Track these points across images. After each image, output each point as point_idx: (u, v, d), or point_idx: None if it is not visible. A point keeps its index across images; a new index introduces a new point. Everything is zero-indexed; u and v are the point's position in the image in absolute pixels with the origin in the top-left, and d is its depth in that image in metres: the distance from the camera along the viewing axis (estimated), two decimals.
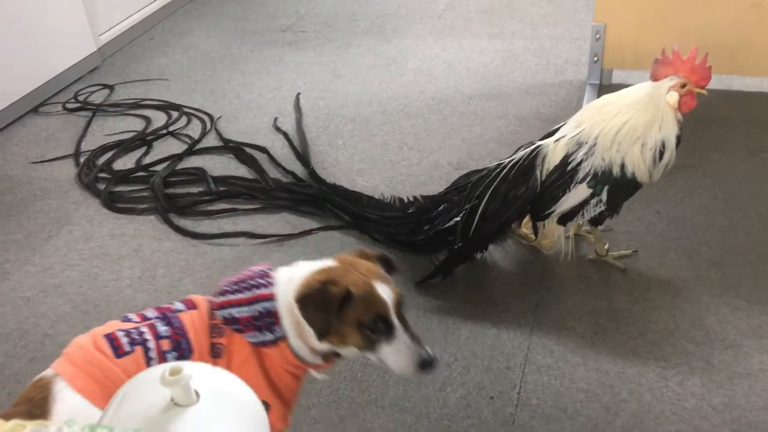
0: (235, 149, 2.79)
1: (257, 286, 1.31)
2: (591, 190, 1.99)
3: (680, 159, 2.62)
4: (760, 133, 2.77)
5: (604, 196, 1.99)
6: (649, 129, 1.94)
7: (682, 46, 1.94)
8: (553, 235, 2.11)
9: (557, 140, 2.02)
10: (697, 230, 2.30)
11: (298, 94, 3.20)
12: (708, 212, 2.38)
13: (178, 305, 1.35)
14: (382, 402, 1.79)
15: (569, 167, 1.99)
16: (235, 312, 1.30)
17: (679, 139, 1.94)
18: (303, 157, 2.72)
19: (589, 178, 1.98)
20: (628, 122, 1.95)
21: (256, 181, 2.60)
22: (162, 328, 1.29)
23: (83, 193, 2.63)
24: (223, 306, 1.31)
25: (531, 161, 2.02)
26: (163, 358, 1.28)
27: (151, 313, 1.34)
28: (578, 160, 1.98)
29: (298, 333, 1.31)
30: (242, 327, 1.29)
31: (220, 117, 3.06)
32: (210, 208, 2.49)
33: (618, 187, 1.98)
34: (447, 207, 2.12)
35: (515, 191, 2.02)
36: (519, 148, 2.09)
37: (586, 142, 1.98)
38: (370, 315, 1.27)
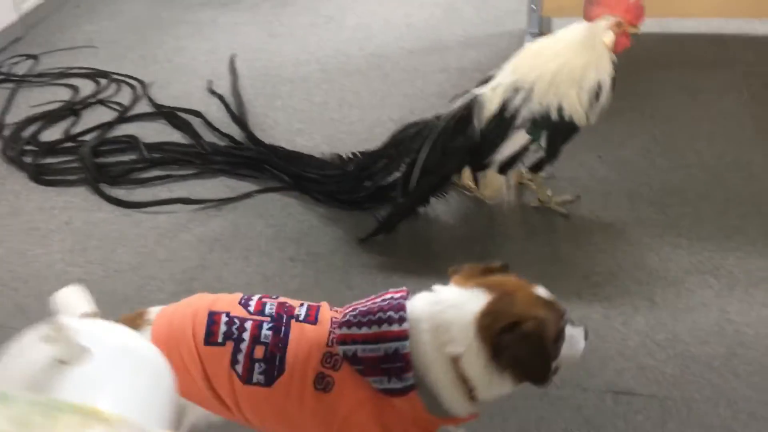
0: (169, 114, 2.69)
1: (387, 321, 1.12)
2: (530, 136, 1.97)
3: (620, 102, 2.62)
4: (698, 75, 2.78)
5: (543, 142, 1.97)
6: (586, 71, 1.91)
7: None
8: (495, 184, 2.09)
9: (494, 88, 1.98)
10: (638, 172, 2.31)
11: (233, 55, 3.10)
12: (648, 154, 2.38)
13: (302, 310, 1.20)
14: None
15: (507, 114, 1.96)
16: (359, 350, 1.11)
17: (613, 80, 1.92)
18: (240, 119, 2.63)
19: (527, 124, 1.95)
20: (564, 65, 1.93)
21: (192, 146, 2.51)
22: (266, 332, 1.16)
23: (9, 167, 2.50)
24: (345, 340, 1.13)
25: (468, 111, 1.98)
26: (248, 365, 1.15)
27: (270, 307, 1.20)
28: (516, 106, 1.95)
29: (454, 383, 1.13)
30: (366, 369, 1.11)
31: (151, 83, 2.94)
32: (144, 176, 2.40)
33: (556, 131, 1.96)
34: (386, 162, 2.07)
35: (454, 142, 1.98)
36: (455, 98, 2.05)
37: (522, 88, 1.94)
38: (559, 331, 1.16)
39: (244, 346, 1.15)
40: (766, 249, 1.98)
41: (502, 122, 1.96)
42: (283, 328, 1.16)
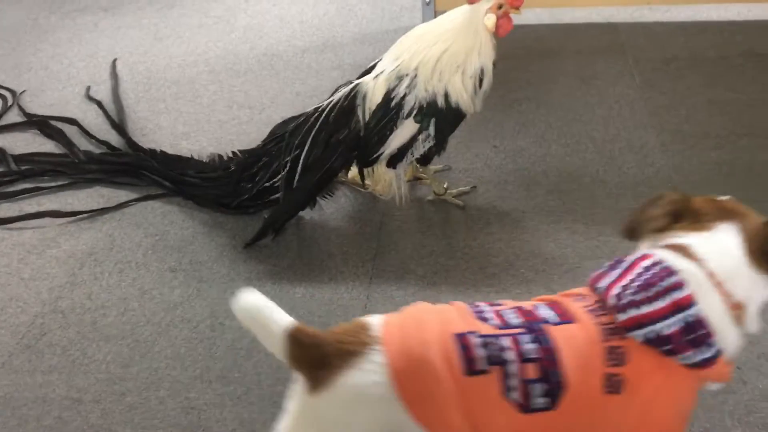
0: (40, 123, 2.49)
1: (671, 288, 1.00)
2: (418, 125, 1.89)
3: (514, 92, 2.60)
4: (591, 62, 2.78)
5: (431, 130, 1.89)
6: (469, 56, 1.85)
7: None
8: (385, 179, 1.99)
9: (376, 76, 1.90)
10: (534, 160, 2.26)
11: (115, 60, 2.92)
12: (543, 142, 2.35)
13: (546, 312, 1.04)
14: (208, 377, 1.61)
15: (393, 103, 1.87)
16: (662, 328, 0.98)
17: (494, 64, 1.86)
18: (118, 125, 2.46)
19: (414, 112, 1.87)
20: (447, 50, 1.86)
21: (65, 155, 2.33)
22: (528, 347, 0.98)
23: None
24: (639, 323, 1.00)
25: (351, 101, 1.88)
26: (525, 390, 0.97)
27: (511, 314, 1.04)
28: (401, 94, 1.87)
29: (737, 331, 1.05)
30: (676, 347, 0.99)
31: (23, 91, 2.73)
32: (10, 189, 2.20)
33: (444, 118, 1.89)
34: (268, 161, 1.95)
35: (337, 135, 1.88)
36: (337, 89, 1.95)
37: (406, 75, 1.87)
38: None
39: (513, 368, 0.97)
40: None
41: (389, 112, 1.88)
42: (543, 337, 1.00)
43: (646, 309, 0.99)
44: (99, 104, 2.60)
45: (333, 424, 1.04)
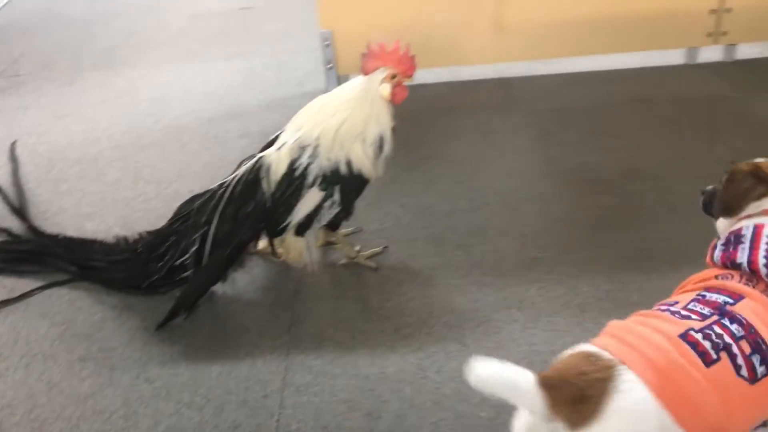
0: None
1: None
2: (323, 193, 1.93)
3: (419, 150, 2.69)
4: (489, 116, 2.91)
5: (336, 197, 1.93)
6: (367, 125, 1.91)
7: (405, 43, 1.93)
8: (296, 247, 2.01)
9: (279, 148, 1.93)
10: (441, 216, 2.33)
11: (14, 142, 2.85)
12: (449, 197, 2.43)
13: (720, 297, 1.18)
14: None
15: (297, 173, 1.91)
16: None
17: (393, 129, 1.94)
18: (19, 210, 2.39)
19: (319, 180, 1.91)
20: (346, 120, 1.91)
21: None
22: (733, 327, 1.13)
23: None
24: None
25: (255, 174, 1.91)
26: (750, 364, 1.10)
27: (700, 307, 1.17)
28: (304, 164, 1.91)
29: None
30: None
31: None
32: None
33: (348, 185, 1.93)
34: (176, 239, 1.94)
35: (245, 209, 1.90)
36: (241, 163, 1.97)
37: (308, 145, 1.91)
38: None
39: (735, 349, 1.11)
40: (563, 276, 2.04)
41: (294, 182, 1.91)
42: (737, 316, 1.14)
43: None
44: None
45: None
